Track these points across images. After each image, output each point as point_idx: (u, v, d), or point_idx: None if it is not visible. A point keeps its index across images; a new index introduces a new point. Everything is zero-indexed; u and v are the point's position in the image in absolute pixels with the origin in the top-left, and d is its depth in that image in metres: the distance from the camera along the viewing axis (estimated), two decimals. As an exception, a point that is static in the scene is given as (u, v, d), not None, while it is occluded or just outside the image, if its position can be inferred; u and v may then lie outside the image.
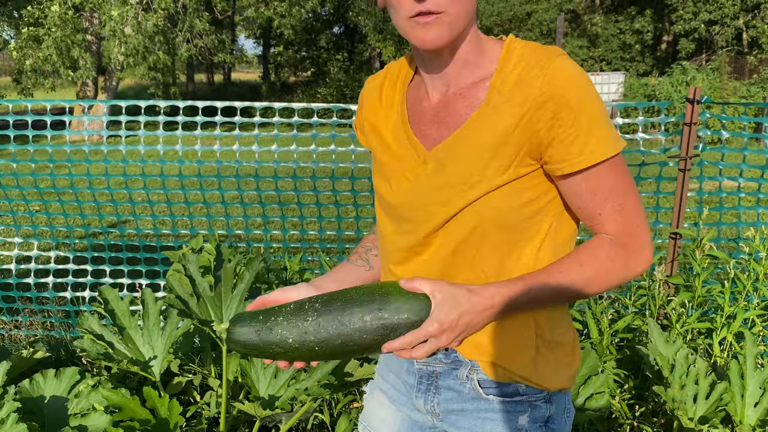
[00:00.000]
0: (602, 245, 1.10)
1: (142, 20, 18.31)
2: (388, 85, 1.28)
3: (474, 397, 1.20)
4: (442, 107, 1.16)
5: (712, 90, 16.75)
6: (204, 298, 2.50)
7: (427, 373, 1.24)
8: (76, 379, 2.47)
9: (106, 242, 3.52)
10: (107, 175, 3.50)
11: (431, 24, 1.05)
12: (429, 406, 1.25)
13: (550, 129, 1.05)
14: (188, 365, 3.02)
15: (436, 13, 1.04)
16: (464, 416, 1.22)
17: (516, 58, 1.09)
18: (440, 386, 1.23)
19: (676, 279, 3.12)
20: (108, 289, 2.66)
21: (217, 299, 2.50)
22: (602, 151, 1.05)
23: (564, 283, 1.09)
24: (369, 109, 1.30)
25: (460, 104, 1.14)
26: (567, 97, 1.03)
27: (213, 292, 2.51)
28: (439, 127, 1.16)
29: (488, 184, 1.08)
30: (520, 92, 1.06)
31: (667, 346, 2.59)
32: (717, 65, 24.70)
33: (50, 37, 16.61)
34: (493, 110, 1.08)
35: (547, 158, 1.07)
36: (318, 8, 23.84)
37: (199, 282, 2.51)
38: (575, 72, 1.05)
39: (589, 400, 2.48)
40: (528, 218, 1.12)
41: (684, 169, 3.11)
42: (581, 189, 1.08)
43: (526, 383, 1.18)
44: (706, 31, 27.15)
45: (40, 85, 18.21)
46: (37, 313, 3.53)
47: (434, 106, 1.18)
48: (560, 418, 1.23)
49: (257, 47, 40.59)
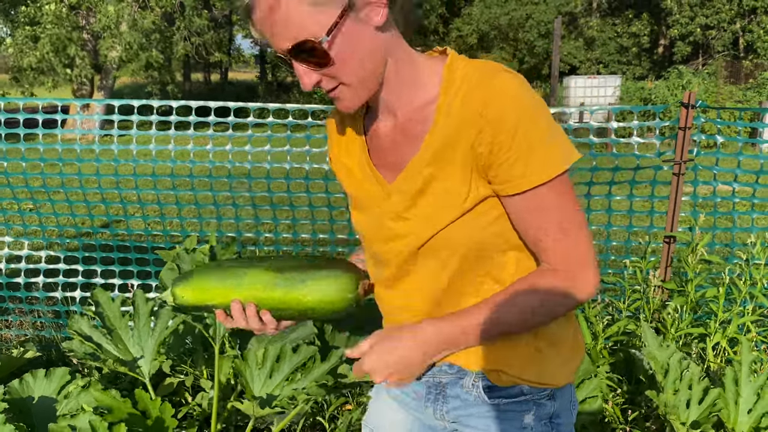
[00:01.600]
0: (542, 276, 1.11)
1: (138, 18, 18.28)
2: (347, 119, 1.26)
3: (480, 403, 1.22)
4: (398, 133, 1.16)
5: (707, 94, 16.81)
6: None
7: (434, 384, 1.26)
8: (66, 379, 2.45)
9: (97, 242, 3.49)
10: (99, 174, 3.48)
11: (339, 98, 1.08)
12: (438, 414, 1.28)
13: (490, 153, 1.04)
14: (180, 366, 3.01)
15: (335, 89, 1.06)
16: (472, 419, 1.24)
17: (459, 79, 1.07)
18: (448, 395, 1.25)
19: (670, 284, 3.12)
20: (100, 291, 2.63)
21: (210, 300, 2.49)
22: (543, 172, 1.03)
23: (502, 318, 1.11)
24: (336, 146, 1.29)
25: (412, 128, 1.13)
26: (505, 119, 1.01)
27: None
28: (396, 153, 1.16)
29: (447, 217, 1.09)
30: (464, 114, 1.05)
31: (660, 351, 2.58)
32: (713, 69, 24.77)
33: (46, 36, 16.56)
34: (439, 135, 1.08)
35: (491, 179, 1.06)
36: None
37: None
38: (515, 91, 1.02)
39: (582, 404, 2.47)
40: (498, 234, 1.12)
41: (678, 173, 3.10)
42: (523, 211, 1.07)
43: (531, 385, 1.19)
44: (703, 36, 27.21)
45: (39, 83, 18.17)
46: (27, 313, 3.50)
47: (389, 132, 1.18)
48: (565, 413, 1.24)
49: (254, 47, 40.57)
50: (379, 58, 1.07)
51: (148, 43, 18.78)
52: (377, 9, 1.02)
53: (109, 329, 2.57)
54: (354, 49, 1.03)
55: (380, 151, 1.19)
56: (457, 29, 27.48)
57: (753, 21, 26.43)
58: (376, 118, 1.20)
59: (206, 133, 3.44)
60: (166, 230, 3.54)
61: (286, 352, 2.30)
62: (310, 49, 1.00)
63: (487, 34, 27.09)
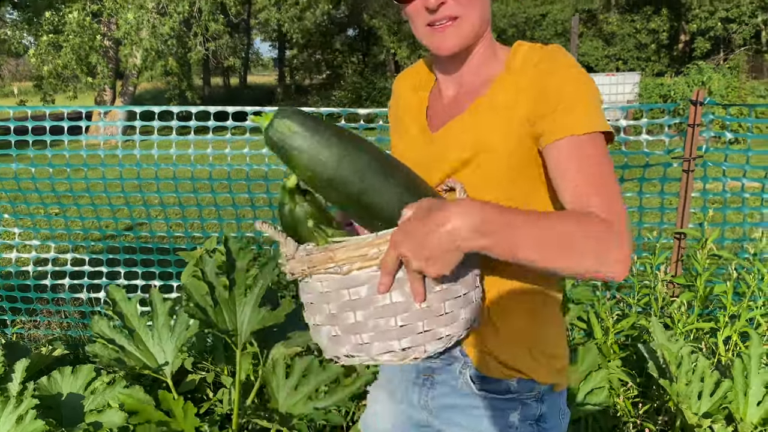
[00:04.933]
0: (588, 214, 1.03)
1: (157, 24, 18.52)
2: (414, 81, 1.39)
3: (466, 393, 1.23)
4: (454, 104, 1.27)
5: (729, 89, 16.59)
6: (221, 303, 2.53)
7: (424, 368, 1.28)
8: (92, 376, 2.54)
9: (120, 244, 3.61)
10: (122, 178, 3.59)
11: (447, 32, 1.16)
12: (423, 401, 1.29)
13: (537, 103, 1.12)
14: (201, 363, 3.09)
15: (450, 19, 1.15)
16: (456, 412, 1.25)
17: (520, 57, 1.20)
18: (435, 381, 1.27)
19: (679, 279, 3.15)
20: (115, 288, 2.63)
21: (231, 303, 2.53)
22: (589, 123, 1.09)
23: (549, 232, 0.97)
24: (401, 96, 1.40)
25: (468, 99, 1.24)
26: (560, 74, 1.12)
27: (228, 295, 2.54)
28: (446, 118, 1.26)
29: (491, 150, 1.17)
30: (519, 78, 1.17)
31: (669, 345, 2.62)
32: (735, 64, 24.44)
33: (68, 44, 16.85)
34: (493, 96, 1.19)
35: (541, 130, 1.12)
36: (331, 11, 23.92)
37: (217, 287, 2.53)
38: (572, 60, 1.15)
39: (590, 395, 2.51)
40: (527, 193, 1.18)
41: (688, 170, 3.14)
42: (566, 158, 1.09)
43: (519, 375, 1.20)
44: (723, 30, 26.85)
45: (61, 90, 18.47)
46: (55, 314, 3.63)
47: (447, 104, 1.28)
48: (553, 419, 1.25)
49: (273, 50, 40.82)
50: (487, 17, 1.21)
51: (167, 49, 19.00)
52: None
53: (129, 330, 2.63)
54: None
55: (435, 117, 1.30)
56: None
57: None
58: (439, 86, 1.32)
59: (224, 137, 3.53)
60: (188, 232, 3.64)
61: (314, 367, 2.30)
62: None
63: (504, 31, 26.96)
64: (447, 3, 1.14)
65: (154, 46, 18.09)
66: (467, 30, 1.17)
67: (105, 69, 17.90)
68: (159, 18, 18.62)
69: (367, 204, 1.04)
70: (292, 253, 1.03)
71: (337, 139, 1.03)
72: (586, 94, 1.12)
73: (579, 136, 1.08)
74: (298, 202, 1.07)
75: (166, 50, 19.00)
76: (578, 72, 1.14)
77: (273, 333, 2.75)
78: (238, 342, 2.47)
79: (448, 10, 1.15)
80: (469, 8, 1.16)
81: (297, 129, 1.02)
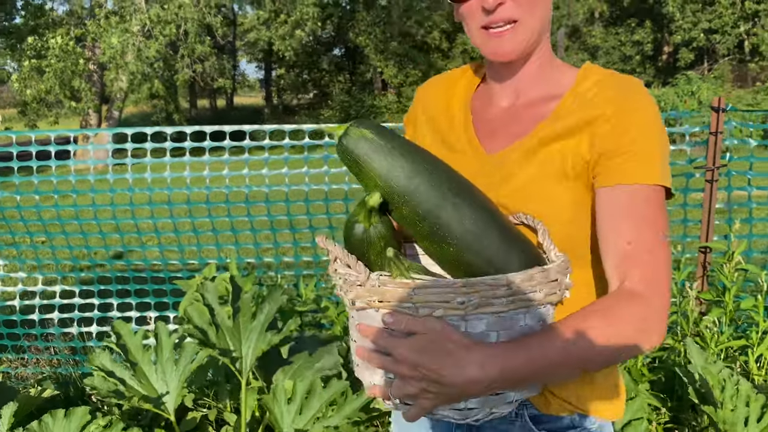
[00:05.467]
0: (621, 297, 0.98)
1: (143, 48, 18.42)
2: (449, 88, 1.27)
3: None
4: (510, 116, 1.17)
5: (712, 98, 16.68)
6: (223, 328, 2.40)
7: None
8: (86, 419, 2.36)
9: (112, 274, 3.42)
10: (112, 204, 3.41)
11: (504, 36, 1.07)
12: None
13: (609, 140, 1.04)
14: (202, 399, 2.91)
15: (509, 22, 1.06)
16: None
17: (593, 82, 1.10)
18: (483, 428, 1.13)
19: (707, 294, 3.00)
20: (120, 323, 2.56)
21: (236, 330, 2.40)
22: (653, 175, 1.02)
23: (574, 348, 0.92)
24: (431, 103, 1.27)
25: (528, 114, 1.14)
26: (635, 114, 1.04)
27: (232, 323, 2.42)
28: (503, 134, 1.15)
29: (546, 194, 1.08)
30: (589, 108, 1.07)
31: (706, 367, 2.46)
32: (719, 74, 24.67)
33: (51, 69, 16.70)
34: (558, 122, 1.08)
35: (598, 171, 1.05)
36: (318, 30, 23.97)
37: (218, 311, 2.42)
38: (648, 99, 1.07)
39: (627, 427, 2.34)
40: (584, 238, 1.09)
41: (711, 179, 3.00)
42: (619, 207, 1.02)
43: (581, 412, 1.11)
44: (707, 40, 27.13)
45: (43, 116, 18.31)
46: (44, 350, 3.42)
47: (501, 114, 1.18)
48: None
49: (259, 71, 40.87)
50: (547, 23, 1.12)
51: (153, 72, 18.91)
52: None
53: (132, 363, 2.49)
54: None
55: (483, 129, 1.19)
56: (462, 43, 27.54)
57: (757, 24, 26.36)
58: (489, 94, 1.21)
59: (222, 158, 3.38)
60: (183, 260, 3.46)
61: (317, 387, 2.20)
62: None
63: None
64: (506, 4, 1.05)
65: (140, 69, 17.99)
66: (527, 35, 1.08)
67: (89, 93, 17.74)
68: (144, 41, 18.52)
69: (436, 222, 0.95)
70: (363, 280, 0.90)
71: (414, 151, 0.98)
72: (660, 143, 1.05)
73: (642, 186, 1.02)
74: (373, 223, 0.97)
75: (152, 73, 18.90)
76: (656, 115, 1.06)
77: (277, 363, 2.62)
78: (242, 369, 2.33)
79: (506, 12, 1.05)
80: (530, 11, 1.06)
81: (373, 137, 0.96)
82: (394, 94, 26.47)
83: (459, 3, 1.10)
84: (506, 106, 1.18)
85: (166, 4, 18.14)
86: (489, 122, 1.19)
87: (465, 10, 1.09)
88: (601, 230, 1.04)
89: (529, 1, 1.06)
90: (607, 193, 1.03)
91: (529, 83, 1.16)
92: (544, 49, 1.15)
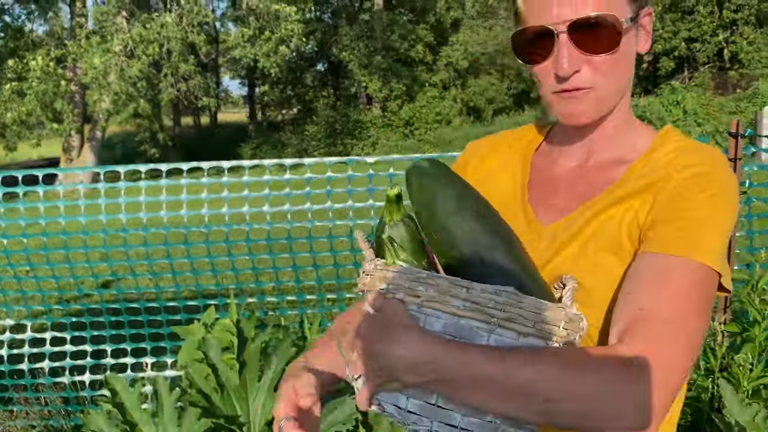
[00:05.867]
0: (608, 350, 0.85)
1: (125, 67, 18.23)
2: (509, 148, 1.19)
3: None
4: (578, 177, 1.08)
5: (700, 106, 16.77)
6: (228, 389, 2.24)
7: None
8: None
9: (106, 319, 3.23)
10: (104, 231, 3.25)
11: (577, 100, 0.99)
12: None
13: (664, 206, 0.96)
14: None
15: (583, 89, 0.97)
16: None
17: (671, 148, 1.02)
18: None
19: (732, 326, 2.89)
20: (114, 377, 2.39)
21: (243, 389, 2.25)
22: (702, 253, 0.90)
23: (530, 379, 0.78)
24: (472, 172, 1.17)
25: (598, 177, 1.05)
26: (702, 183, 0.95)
27: (238, 380, 2.26)
28: (568, 195, 1.07)
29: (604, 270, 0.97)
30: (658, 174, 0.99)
31: (742, 410, 2.33)
32: (700, 82, 24.89)
33: (32, 91, 16.47)
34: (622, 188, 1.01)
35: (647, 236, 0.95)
36: (303, 47, 23.92)
37: (222, 370, 2.26)
38: (724, 171, 0.98)
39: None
40: None
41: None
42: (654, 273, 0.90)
43: None
44: (687, 49, 27.44)
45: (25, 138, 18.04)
46: (34, 402, 3.22)
47: (567, 174, 1.09)
48: None
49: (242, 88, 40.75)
50: (628, 84, 1.03)
51: (136, 92, 18.73)
52: (647, 36, 1.02)
53: (131, 424, 2.32)
54: (627, 55, 0.99)
55: (545, 189, 1.10)
56: (446, 56, 27.60)
57: (735, 32, 26.71)
58: (554, 153, 1.13)
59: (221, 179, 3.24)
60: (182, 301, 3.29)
61: None
62: (608, 26, 0.94)
63: (477, 58, 27.18)
64: (581, 73, 0.96)
65: (124, 89, 17.79)
66: (602, 102, 1.00)
67: (70, 115, 17.50)
68: (127, 61, 18.33)
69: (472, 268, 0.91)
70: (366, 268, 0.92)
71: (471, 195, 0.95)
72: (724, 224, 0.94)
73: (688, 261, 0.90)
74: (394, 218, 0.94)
75: (136, 93, 18.72)
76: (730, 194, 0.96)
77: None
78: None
79: (581, 81, 0.97)
80: (609, 78, 0.98)
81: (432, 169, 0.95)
82: (379, 108, 26.45)
83: (530, 65, 1.01)
84: (574, 165, 1.09)
85: (148, 24, 17.99)
86: (552, 184, 1.10)
87: (538, 71, 1.00)
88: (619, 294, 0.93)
89: (609, 67, 0.97)
90: (646, 258, 0.92)
91: (602, 145, 1.07)
92: (623, 110, 1.05)
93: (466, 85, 27.69)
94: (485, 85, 27.30)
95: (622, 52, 0.97)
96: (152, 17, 18.32)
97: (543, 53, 0.98)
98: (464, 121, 26.46)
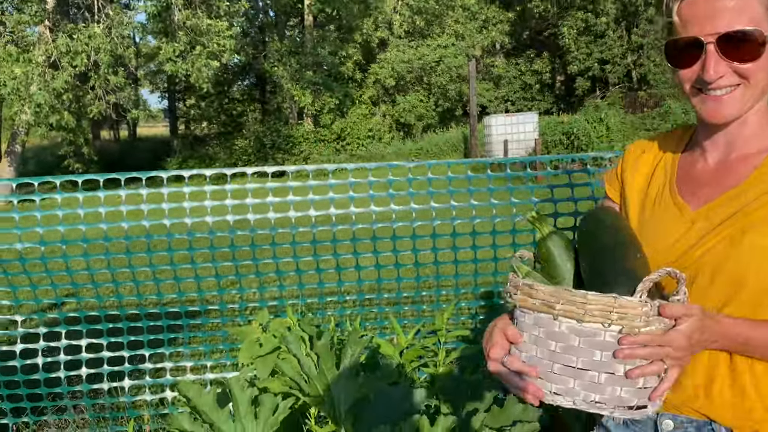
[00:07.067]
0: None
1: (49, 78, 17.51)
2: (658, 149, 1.35)
3: None
4: (722, 170, 1.21)
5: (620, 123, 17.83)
6: (312, 378, 2.37)
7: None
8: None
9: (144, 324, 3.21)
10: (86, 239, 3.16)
11: (723, 100, 1.13)
12: None
13: None
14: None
15: (726, 91, 1.12)
16: None
17: None
18: None
19: None
20: (187, 384, 2.42)
21: (323, 377, 2.38)
22: None
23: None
24: (630, 173, 1.36)
25: (742, 168, 1.18)
26: None
27: (317, 371, 2.40)
28: (713, 187, 1.20)
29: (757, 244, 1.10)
30: None
31: None
32: (612, 101, 26.40)
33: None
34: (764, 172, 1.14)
35: None
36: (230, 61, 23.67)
37: (304, 361, 2.39)
38: None
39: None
40: None
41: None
42: None
43: None
44: (600, 70, 29.05)
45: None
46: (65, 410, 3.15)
47: (711, 168, 1.23)
48: None
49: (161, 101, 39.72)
50: (765, 86, 1.14)
51: (60, 104, 17.99)
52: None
53: (209, 424, 2.38)
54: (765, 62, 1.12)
55: (690, 184, 1.24)
56: (374, 74, 27.94)
57: (642, 56, 28.51)
58: (698, 151, 1.26)
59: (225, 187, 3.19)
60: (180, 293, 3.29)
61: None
62: (751, 39, 1.09)
63: (403, 76, 27.66)
64: (725, 78, 1.11)
65: (48, 101, 17.06)
66: (745, 101, 1.14)
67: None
68: (51, 72, 17.62)
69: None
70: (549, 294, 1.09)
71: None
72: None
73: None
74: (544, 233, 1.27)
75: (60, 105, 17.97)
76: None
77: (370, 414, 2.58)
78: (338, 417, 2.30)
79: (727, 81, 1.12)
80: (753, 77, 1.12)
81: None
82: (311, 123, 26.34)
83: (678, 69, 1.16)
84: (717, 160, 1.23)
85: (75, 34, 17.37)
86: (697, 178, 1.24)
87: (684, 74, 1.15)
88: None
89: (752, 70, 1.11)
90: None
91: (745, 141, 1.19)
92: (762, 110, 1.19)
93: (396, 102, 28.15)
94: (414, 101, 27.86)
95: (762, 59, 1.11)
96: (79, 28, 17.72)
97: (691, 60, 1.13)
98: (394, 136, 26.81)
